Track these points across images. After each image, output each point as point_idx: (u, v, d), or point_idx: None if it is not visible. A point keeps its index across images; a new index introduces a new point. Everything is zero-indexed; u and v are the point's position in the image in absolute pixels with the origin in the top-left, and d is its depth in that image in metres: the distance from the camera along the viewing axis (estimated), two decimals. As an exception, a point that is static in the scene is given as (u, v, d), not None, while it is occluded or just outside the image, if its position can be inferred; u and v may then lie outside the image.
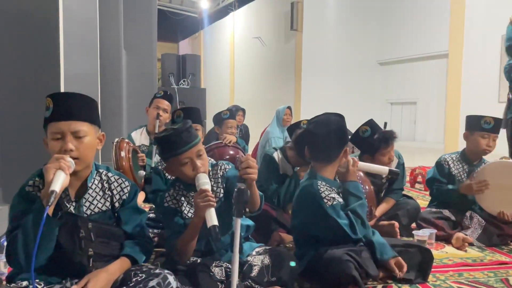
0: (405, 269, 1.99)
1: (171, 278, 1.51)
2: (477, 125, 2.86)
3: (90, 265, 1.55)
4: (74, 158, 1.49)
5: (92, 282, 1.49)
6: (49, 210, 1.39)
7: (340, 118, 2.08)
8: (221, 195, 1.96)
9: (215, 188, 1.95)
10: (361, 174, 2.64)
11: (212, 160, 2.17)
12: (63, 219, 1.50)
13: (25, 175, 1.59)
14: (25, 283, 1.47)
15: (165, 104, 3.82)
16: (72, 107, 1.53)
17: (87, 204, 1.60)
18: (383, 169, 2.04)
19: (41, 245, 1.38)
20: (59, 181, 1.38)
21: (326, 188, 2.02)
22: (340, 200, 2.04)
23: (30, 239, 1.38)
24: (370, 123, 2.84)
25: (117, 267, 1.58)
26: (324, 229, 2.02)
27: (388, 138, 2.76)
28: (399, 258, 2.00)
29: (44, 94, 1.60)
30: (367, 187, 2.60)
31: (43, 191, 1.40)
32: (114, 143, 3.44)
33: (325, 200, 1.98)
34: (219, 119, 4.28)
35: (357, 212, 2.01)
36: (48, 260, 1.49)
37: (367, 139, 2.77)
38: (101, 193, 1.64)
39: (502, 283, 2.09)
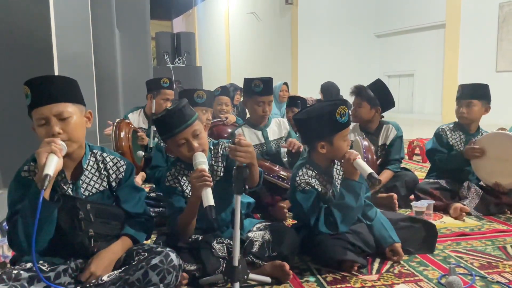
0: (400, 257, 1.98)
1: (173, 256, 1.53)
2: (456, 95, 2.98)
3: (92, 245, 1.57)
4: (63, 141, 1.47)
5: (95, 263, 1.51)
6: (46, 194, 1.39)
7: (329, 107, 1.96)
8: (222, 173, 1.97)
9: (215, 167, 1.96)
10: (366, 143, 2.69)
11: (213, 140, 2.17)
12: (60, 201, 1.50)
13: (25, 160, 1.59)
14: (29, 264, 1.48)
15: (171, 94, 3.83)
16: (51, 89, 1.50)
17: (84, 185, 1.61)
18: (365, 171, 1.86)
19: (41, 228, 1.40)
20: (52, 165, 1.37)
21: (307, 173, 2.00)
22: (319, 188, 2.00)
23: (29, 224, 1.39)
24: (377, 80, 3.19)
25: (119, 247, 1.61)
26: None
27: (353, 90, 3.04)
28: (396, 245, 1.98)
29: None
30: (369, 156, 2.63)
31: (37, 175, 1.40)
32: (114, 124, 3.43)
33: (297, 184, 1.99)
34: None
35: (332, 211, 1.92)
36: (50, 241, 1.51)
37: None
38: (97, 173, 1.64)
39: (500, 251, 2.12)
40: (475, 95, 2.87)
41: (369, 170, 1.84)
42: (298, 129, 2.20)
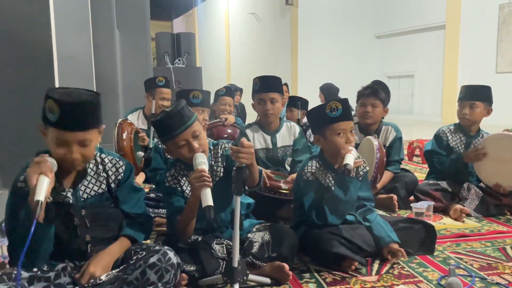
0: (399, 256, 1.98)
1: (171, 254, 1.53)
2: (458, 96, 2.97)
3: (89, 251, 1.57)
4: (79, 161, 1.50)
5: (93, 263, 1.51)
6: (40, 217, 1.35)
7: (321, 104, 2.08)
8: (222, 174, 1.97)
9: (215, 167, 1.96)
10: (376, 143, 2.71)
11: (212, 140, 2.16)
12: (54, 221, 1.49)
13: (24, 160, 1.59)
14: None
15: (168, 92, 3.81)
16: (80, 117, 1.45)
17: (83, 188, 1.60)
18: (345, 161, 1.90)
19: (39, 246, 1.44)
20: (43, 188, 1.34)
21: (315, 165, 2.06)
22: (323, 181, 2.04)
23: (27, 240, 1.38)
24: (376, 80, 3.29)
25: (117, 248, 1.60)
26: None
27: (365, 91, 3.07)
28: (393, 244, 1.99)
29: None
30: (378, 154, 2.64)
31: (30, 198, 1.36)
32: (117, 124, 3.42)
33: (303, 173, 2.06)
34: (215, 96, 4.28)
35: (321, 202, 1.98)
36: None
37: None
38: (96, 176, 1.63)
39: (499, 252, 2.12)
40: (478, 96, 2.86)
41: (347, 161, 1.90)
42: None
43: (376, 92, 3.02)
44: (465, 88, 2.92)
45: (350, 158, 1.92)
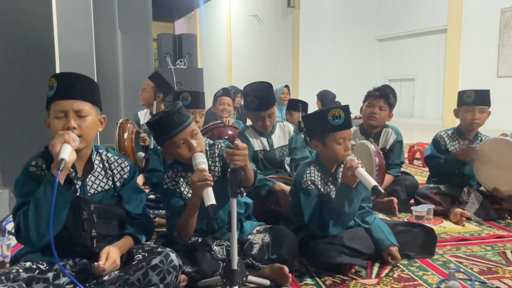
0: (397, 261, 1.99)
1: (173, 256, 1.53)
2: (461, 100, 2.93)
3: (94, 246, 1.57)
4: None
5: (111, 252, 1.52)
6: (61, 179, 1.42)
7: (327, 108, 2.03)
8: (219, 174, 1.97)
9: (212, 167, 1.96)
10: (373, 147, 2.69)
11: (210, 140, 2.17)
12: (75, 193, 1.53)
13: (24, 160, 1.59)
14: (28, 264, 1.48)
15: (144, 84, 3.83)
16: (76, 86, 1.55)
17: (90, 183, 1.62)
18: (369, 183, 1.84)
19: (55, 215, 1.40)
20: (66, 151, 1.41)
21: (314, 172, 2.04)
22: (321, 189, 2.03)
23: (42, 211, 1.42)
24: (386, 85, 3.30)
25: (124, 243, 1.62)
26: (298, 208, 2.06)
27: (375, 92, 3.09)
28: (392, 249, 1.99)
29: (40, 76, 1.60)
30: (377, 160, 2.64)
31: (53, 164, 1.43)
32: (118, 124, 3.41)
33: (302, 181, 2.03)
34: (214, 97, 4.29)
35: (323, 214, 1.96)
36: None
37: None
38: (103, 172, 1.66)
39: (500, 256, 2.12)
40: (486, 101, 2.87)
41: (373, 182, 1.83)
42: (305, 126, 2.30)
43: (387, 95, 3.04)
44: (475, 92, 2.87)
45: (368, 176, 1.85)
